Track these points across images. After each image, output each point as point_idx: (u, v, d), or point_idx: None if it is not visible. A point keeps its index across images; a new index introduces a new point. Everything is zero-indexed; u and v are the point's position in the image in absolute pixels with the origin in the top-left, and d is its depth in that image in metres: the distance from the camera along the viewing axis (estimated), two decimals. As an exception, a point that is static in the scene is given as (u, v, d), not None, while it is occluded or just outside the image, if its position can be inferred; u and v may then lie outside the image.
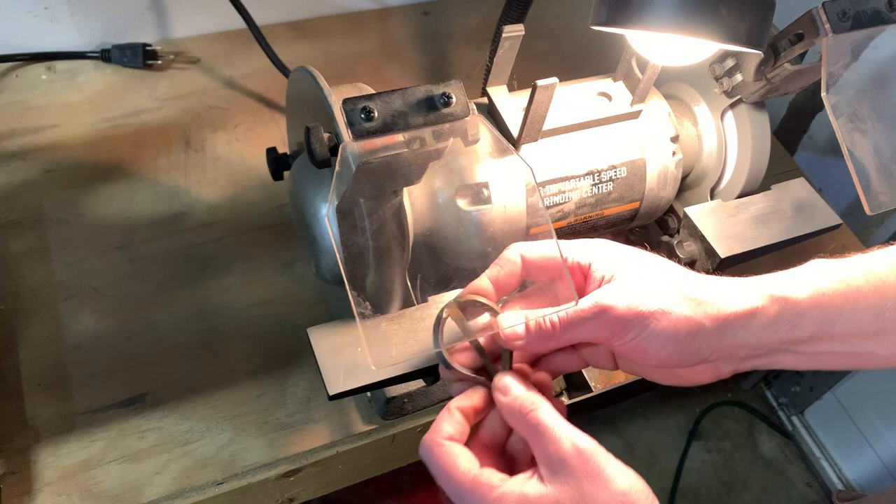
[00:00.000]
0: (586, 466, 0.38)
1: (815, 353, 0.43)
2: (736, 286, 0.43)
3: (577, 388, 0.67)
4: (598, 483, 0.38)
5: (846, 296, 0.42)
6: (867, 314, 0.41)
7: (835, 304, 0.42)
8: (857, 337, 0.42)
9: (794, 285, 0.43)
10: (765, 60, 0.59)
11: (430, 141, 0.44)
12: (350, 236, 0.49)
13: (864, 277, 0.42)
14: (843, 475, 1.42)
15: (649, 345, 0.41)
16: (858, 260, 0.43)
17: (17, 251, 0.69)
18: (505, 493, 0.38)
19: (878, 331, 0.41)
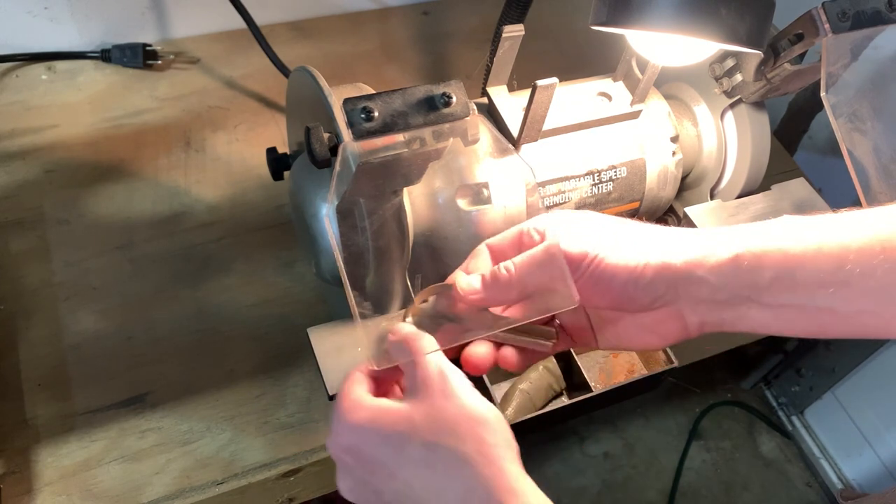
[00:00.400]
0: (444, 386, 0.40)
1: (778, 305, 0.42)
2: (693, 234, 0.45)
3: (577, 388, 0.67)
4: (450, 400, 0.40)
5: (808, 244, 0.42)
6: (829, 264, 0.41)
7: (796, 251, 0.42)
8: (819, 287, 0.41)
9: (757, 233, 0.43)
10: (765, 60, 0.59)
11: (430, 141, 0.44)
12: (350, 236, 0.49)
13: (829, 231, 0.42)
14: (843, 475, 1.42)
15: (595, 283, 0.43)
16: (825, 217, 0.43)
17: (17, 251, 0.69)
18: (361, 407, 0.41)
19: (839, 282, 0.41)
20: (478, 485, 0.38)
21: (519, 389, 0.67)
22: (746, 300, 0.43)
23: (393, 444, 0.40)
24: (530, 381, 0.67)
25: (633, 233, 0.45)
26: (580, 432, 1.45)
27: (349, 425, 0.41)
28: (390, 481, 0.40)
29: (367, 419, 0.41)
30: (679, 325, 0.45)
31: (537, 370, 0.67)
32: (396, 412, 0.40)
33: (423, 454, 0.39)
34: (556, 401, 0.68)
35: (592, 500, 1.38)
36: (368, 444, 0.40)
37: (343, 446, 0.41)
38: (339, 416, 0.42)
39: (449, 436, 0.39)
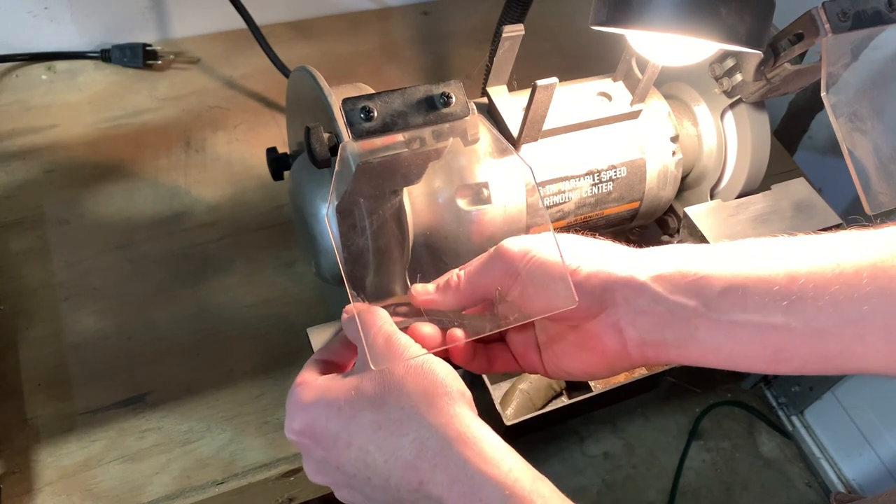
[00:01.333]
0: (392, 349, 0.40)
1: (728, 322, 0.40)
2: (646, 250, 0.44)
3: (577, 388, 0.67)
4: (398, 361, 0.40)
5: (757, 260, 0.40)
6: (781, 278, 0.39)
7: (746, 265, 0.40)
8: (772, 301, 0.39)
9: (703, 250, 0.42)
10: (765, 60, 0.59)
11: (429, 141, 0.44)
12: (350, 236, 0.49)
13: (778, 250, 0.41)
14: (843, 475, 1.42)
15: (533, 277, 0.43)
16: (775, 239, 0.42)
17: (17, 251, 0.69)
18: (309, 385, 0.42)
19: (793, 296, 0.38)
20: (430, 435, 0.37)
21: (519, 389, 0.67)
22: (693, 314, 0.41)
23: (343, 415, 0.39)
24: (530, 381, 0.67)
25: (586, 243, 0.45)
26: (580, 432, 1.45)
27: (299, 406, 0.41)
28: (347, 451, 0.39)
29: (315, 396, 0.41)
30: (618, 341, 0.43)
31: (537, 370, 0.67)
32: (343, 383, 0.41)
33: (373, 417, 0.39)
34: (556, 401, 0.68)
35: (592, 500, 1.38)
36: (320, 420, 0.40)
37: (298, 429, 0.41)
38: (290, 400, 0.42)
39: (396, 394, 0.39)
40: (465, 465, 0.36)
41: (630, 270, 0.42)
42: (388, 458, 0.38)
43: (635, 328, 0.42)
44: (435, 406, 0.38)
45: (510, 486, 0.35)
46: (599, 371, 0.45)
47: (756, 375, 1.53)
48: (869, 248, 0.38)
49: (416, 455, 0.37)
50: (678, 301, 0.41)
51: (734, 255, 0.41)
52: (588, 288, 0.42)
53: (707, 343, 0.41)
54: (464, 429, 0.37)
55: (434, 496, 0.37)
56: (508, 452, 0.37)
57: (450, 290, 0.46)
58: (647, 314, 0.42)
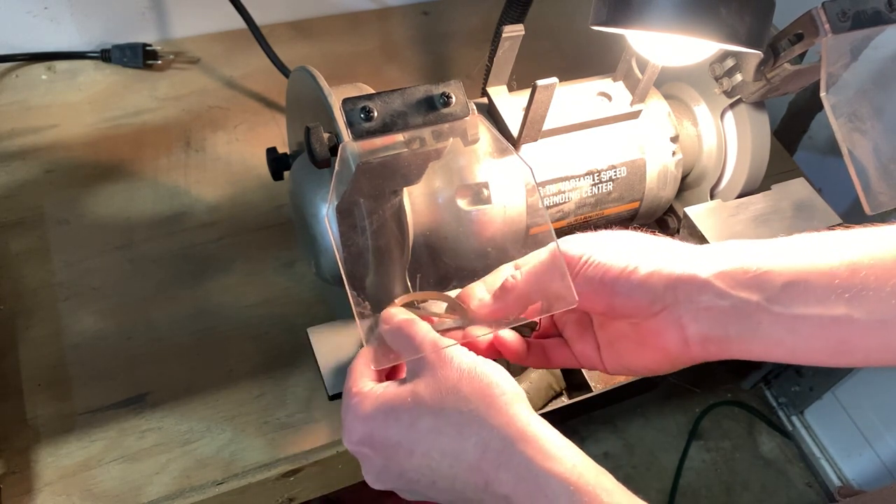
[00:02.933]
0: (440, 356, 0.41)
1: (791, 316, 0.40)
2: (703, 246, 0.44)
3: (577, 388, 0.67)
4: (450, 366, 0.40)
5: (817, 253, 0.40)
6: (843, 270, 0.39)
7: (806, 259, 0.40)
8: (835, 293, 0.39)
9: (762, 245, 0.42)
10: (765, 60, 0.59)
11: (429, 141, 0.44)
12: (350, 236, 0.49)
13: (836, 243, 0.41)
14: (842, 475, 1.42)
15: (590, 279, 0.43)
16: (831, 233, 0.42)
17: (17, 251, 0.69)
18: (366, 396, 0.42)
19: (855, 287, 0.39)
20: (492, 436, 0.38)
21: (519, 389, 0.67)
22: (755, 308, 0.41)
23: (403, 423, 0.40)
24: (530, 381, 0.67)
25: (645, 241, 0.45)
26: (580, 432, 1.45)
27: (358, 417, 0.41)
28: (409, 459, 0.40)
29: (373, 407, 0.41)
30: (680, 338, 0.43)
31: (537, 370, 0.67)
32: (400, 392, 0.41)
33: (433, 423, 0.39)
34: (556, 401, 0.68)
35: (592, 500, 1.37)
36: (380, 430, 0.41)
37: (357, 439, 0.42)
38: (348, 412, 0.42)
39: (454, 398, 0.39)
40: (530, 463, 0.37)
41: (692, 268, 0.42)
42: (452, 462, 0.39)
43: (698, 325, 0.42)
44: (493, 407, 0.39)
45: (574, 481, 0.36)
46: (661, 367, 0.46)
47: (756, 375, 1.53)
48: None
49: (479, 457, 0.38)
50: (741, 296, 0.41)
51: (793, 249, 0.42)
52: (649, 286, 0.42)
53: (770, 337, 0.41)
54: (524, 427, 0.38)
55: (500, 494, 0.38)
56: (571, 448, 0.38)
57: (509, 295, 0.46)
58: (710, 310, 0.42)
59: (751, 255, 0.42)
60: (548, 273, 0.44)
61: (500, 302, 0.46)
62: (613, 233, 0.46)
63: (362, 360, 0.46)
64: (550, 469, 0.36)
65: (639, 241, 0.45)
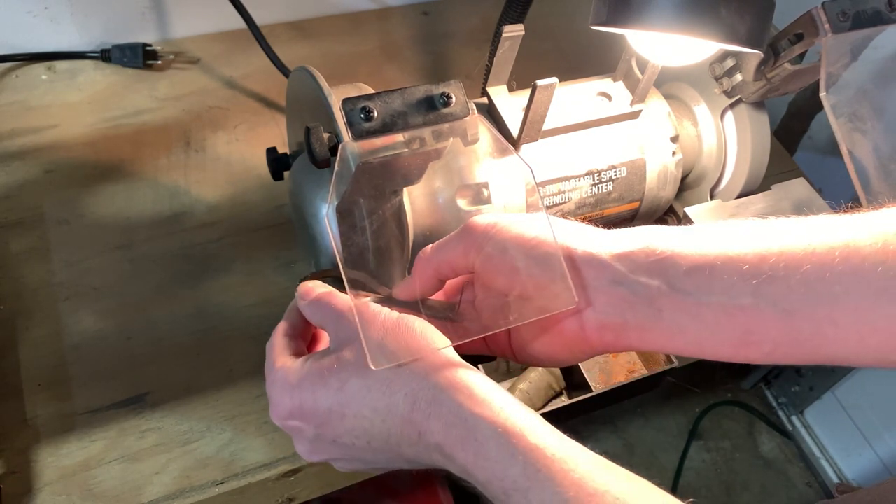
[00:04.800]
0: (363, 316, 0.40)
1: (695, 304, 0.38)
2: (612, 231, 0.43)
3: (577, 388, 0.67)
4: (373, 325, 0.39)
5: (725, 240, 0.39)
6: (751, 258, 0.37)
7: (714, 245, 0.39)
8: (741, 280, 0.37)
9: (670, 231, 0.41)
10: (765, 60, 0.59)
11: (429, 141, 0.44)
12: (350, 236, 0.49)
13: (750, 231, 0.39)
14: (842, 475, 1.42)
15: (497, 250, 0.43)
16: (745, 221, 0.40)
17: (17, 251, 0.69)
18: (291, 367, 0.42)
19: (763, 276, 0.37)
20: (420, 386, 0.37)
21: (518, 389, 0.67)
22: (657, 294, 0.39)
23: (331, 387, 0.39)
24: (530, 381, 0.67)
25: (556, 222, 0.44)
26: (580, 432, 1.45)
27: (285, 389, 0.41)
28: (342, 422, 0.39)
29: (298, 377, 0.41)
30: (575, 323, 0.42)
31: (537, 370, 0.67)
32: (325, 359, 0.40)
33: (361, 382, 0.39)
34: (556, 401, 0.68)
35: (592, 500, 1.37)
36: (308, 399, 0.40)
37: (286, 413, 0.41)
38: (273, 386, 0.42)
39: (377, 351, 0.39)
40: (459, 409, 0.36)
41: (590, 247, 0.41)
42: (384, 417, 0.38)
43: (594, 310, 0.41)
44: (420, 354, 0.38)
45: (502, 423, 0.36)
46: (561, 356, 0.44)
47: (756, 375, 1.53)
48: (843, 229, 0.37)
49: (410, 408, 0.38)
50: (640, 280, 0.39)
51: (704, 235, 0.40)
52: (549, 262, 0.41)
53: (671, 325, 0.39)
54: (452, 374, 0.38)
55: (433, 444, 0.37)
56: (498, 391, 0.38)
57: (419, 262, 0.46)
58: (606, 294, 0.40)
59: (658, 239, 0.40)
60: (455, 244, 0.44)
61: (415, 274, 0.46)
62: (532, 213, 0.46)
63: (280, 335, 0.45)
64: (479, 413, 0.36)
65: (555, 222, 0.43)
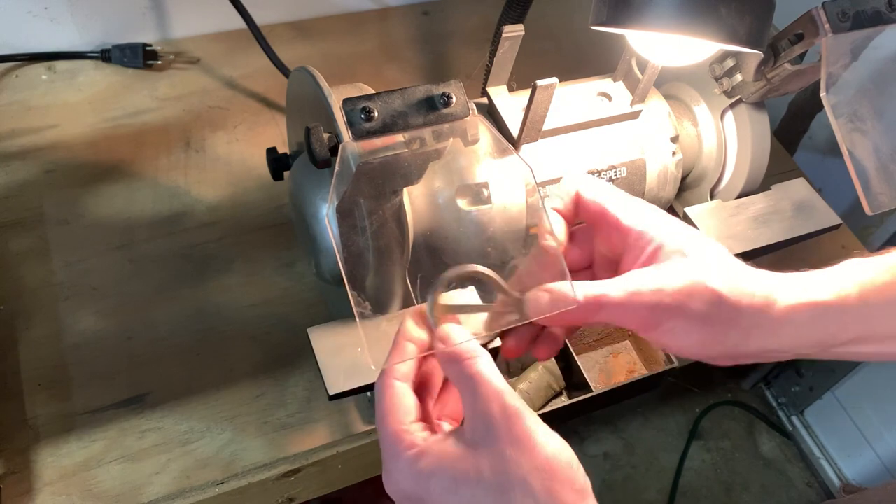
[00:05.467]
0: (512, 429, 0.37)
1: (842, 353, 0.43)
2: (780, 284, 0.43)
3: (577, 388, 0.67)
4: (520, 448, 0.37)
5: (886, 300, 0.41)
6: None
7: (875, 311, 0.41)
8: (893, 339, 0.41)
9: (835, 287, 0.42)
10: (765, 60, 0.59)
11: (429, 141, 0.44)
12: (350, 236, 0.49)
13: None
14: (842, 475, 1.42)
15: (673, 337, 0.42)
16: (892, 258, 0.43)
17: (17, 251, 0.69)
18: (422, 452, 0.39)
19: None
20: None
21: (518, 389, 0.67)
22: (806, 356, 0.43)
23: (462, 498, 0.37)
24: (530, 381, 0.67)
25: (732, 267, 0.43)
26: (580, 432, 1.45)
27: (411, 474, 0.39)
28: None
29: (430, 467, 0.38)
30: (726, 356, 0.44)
31: (537, 370, 0.67)
32: (461, 459, 0.38)
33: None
34: (556, 401, 0.68)
35: (592, 500, 1.37)
36: (434, 496, 0.38)
37: (404, 494, 0.39)
38: (397, 458, 0.39)
39: (522, 493, 0.36)
40: None
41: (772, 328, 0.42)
42: None
43: (750, 359, 0.44)
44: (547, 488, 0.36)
45: None
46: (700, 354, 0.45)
47: (756, 375, 1.53)
48: None
49: None
50: (803, 352, 0.43)
51: (858, 279, 0.42)
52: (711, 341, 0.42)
53: (818, 357, 0.44)
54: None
55: None
56: None
57: (592, 309, 0.42)
58: (770, 353, 0.43)
59: (824, 310, 0.42)
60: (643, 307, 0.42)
61: None
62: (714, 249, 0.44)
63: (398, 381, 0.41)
64: None
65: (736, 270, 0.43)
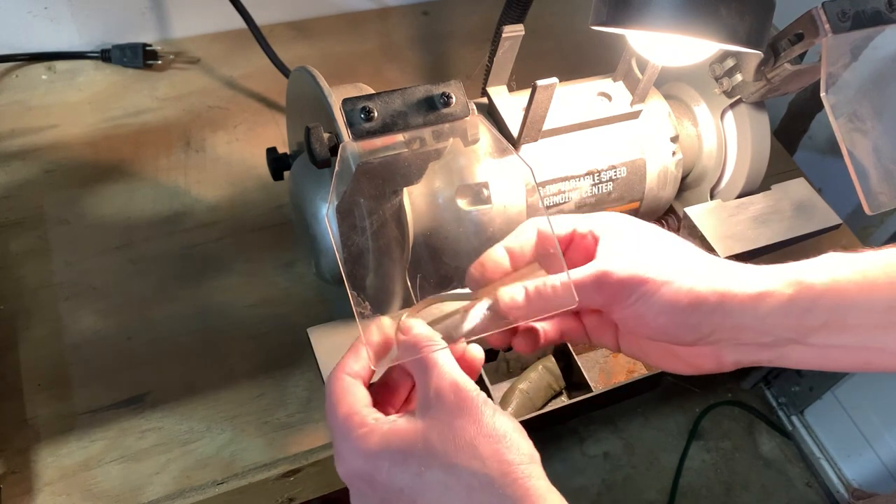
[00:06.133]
0: (461, 402, 0.38)
1: (824, 345, 0.42)
2: (749, 269, 0.43)
3: (577, 388, 0.67)
4: (468, 417, 0.38)
5: (862, 285, 0.41)
6: (882, 304, 0.40)
7: (850, 293, 0.41)
8: (871, 329, 0.41)
9: (811, 271, 0.42)
10: (765, 60, 0.59)
11: (429, 141, 0.44)
12: (350, 236, 0.49)
13: (882, 269, 0.41)
14: (843, 475, 1.42)
15: (647, 311, 0.42)
16: (874, 253, 0.42)
17: (17, 251, 0.69)
18: (372, 430, 0.39)
19: (890, 323, 0.40)
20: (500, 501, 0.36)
21: (518, 389, 0.67)
22: (791, 342, 0.42)
23: (410, 470, 0.37)
24: (530, 381, 0.67)
25: (688, 258, 0.44)
26: (580, 432, 1.45)
27: (360, 452, 0.39)
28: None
29: (378, 444, 0.38)
30: (714, 363, 0.45)
31: (537, 370, 0.67)
32: (410, 433, 0.38)
33: (442, 477, 0.37)
34: (556, 401, 0.68)
35: (592, 500, 1.38)
36: (383, 472, 0.38)
37: (355, 474, 0.39)
38: (346, 441, 0.40)
39: (468, 456, 0.37)
40: None
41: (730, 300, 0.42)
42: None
43: (733, 354, 0.44)
44: (509, 475, 0.37)
45: None
46: (682, 371, 0.46)
47: (756, 375, 1.53)
48: None
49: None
50: (780, 334, 0.42)
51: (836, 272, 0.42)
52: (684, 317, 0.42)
53: (796, 359, 0.43)
54: (538, 501, 0.36)
55: None
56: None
57: (542, 300, 0.43)
58: (748, 346, 0.43)
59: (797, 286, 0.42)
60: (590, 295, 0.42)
61: (532, 305, 0.43)
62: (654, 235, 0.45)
63: (348, 368, 0.42)
64: None
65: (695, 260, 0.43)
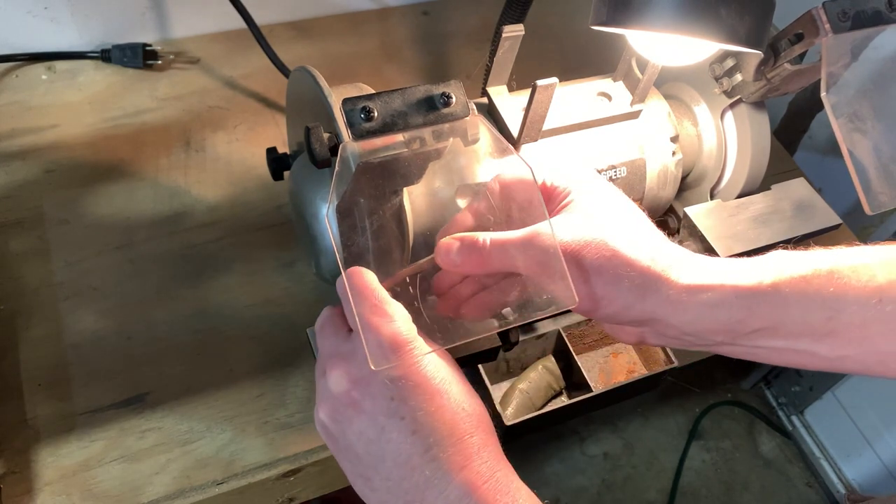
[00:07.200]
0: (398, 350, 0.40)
1: (752, 346, 0.42)
2: (697, 259, 0.43)
3: (577, 388, 0.67)
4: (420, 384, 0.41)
5: (803, 293, 0.40)
6: (818, 315, 0.40)
7: (789, 300, 0.40)
8: (802, 336, 0.41)
9: (755, 272, 0.41)
10: (765, 60, 0.59)
11: (429, 141, 0.44)
12: (350, 236, 0.49)
13: (827, 276, 0.40)
14: (843, 475, 1.42)
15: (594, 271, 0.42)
16: (823, 255, 0.42)
17: (17, 251, 0.69)
18: None
19: (827, 332, 0.40)
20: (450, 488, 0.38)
21: (518, 389, 0.67)
22: (718, 343, 0.43)
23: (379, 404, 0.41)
24: (529, 381, 0.67)
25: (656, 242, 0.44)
26: (580, 432, 1.45)
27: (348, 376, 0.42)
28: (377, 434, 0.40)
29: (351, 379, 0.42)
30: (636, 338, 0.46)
31: (537, 370, 0.67)
32: None
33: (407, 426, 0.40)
34: (556, 401, 0.68)
35: (592, 500, 1.38)
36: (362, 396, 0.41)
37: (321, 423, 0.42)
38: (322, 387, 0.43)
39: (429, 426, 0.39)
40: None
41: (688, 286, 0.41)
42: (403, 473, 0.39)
43: (657, 339, 0.45)
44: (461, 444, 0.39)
45: None
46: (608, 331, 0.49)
47: (756, 375, 1.53)
48: None
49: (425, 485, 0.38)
50: (711, 339, 0.42)
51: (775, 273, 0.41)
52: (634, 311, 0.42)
53: (724, 353, 0.44)
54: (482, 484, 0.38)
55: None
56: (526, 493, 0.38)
57: (473, 256, 0.43)
58: (669, 336, 0.44)
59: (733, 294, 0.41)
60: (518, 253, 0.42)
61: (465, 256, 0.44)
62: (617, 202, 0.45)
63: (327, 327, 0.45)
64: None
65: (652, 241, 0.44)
